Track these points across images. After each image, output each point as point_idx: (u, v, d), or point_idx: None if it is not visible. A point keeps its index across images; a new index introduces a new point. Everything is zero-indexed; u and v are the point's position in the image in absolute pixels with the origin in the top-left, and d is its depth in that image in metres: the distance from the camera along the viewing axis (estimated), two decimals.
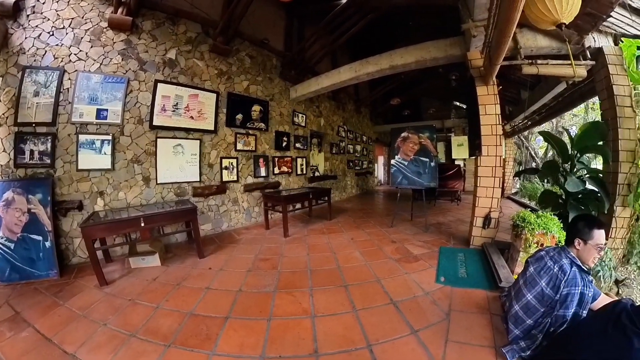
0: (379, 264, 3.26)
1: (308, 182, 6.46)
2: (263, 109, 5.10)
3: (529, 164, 11.38)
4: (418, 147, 5.01)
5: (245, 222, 4.97)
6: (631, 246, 3.18)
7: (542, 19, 2.04)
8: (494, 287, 2.69)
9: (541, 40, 3.28)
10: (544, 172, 3.67)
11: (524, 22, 2.56)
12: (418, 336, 1.97)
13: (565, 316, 1.64)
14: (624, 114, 3.09)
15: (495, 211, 3.64)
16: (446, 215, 6.12)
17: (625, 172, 3.07)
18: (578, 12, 2.02)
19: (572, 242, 1.79)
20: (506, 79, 5.78)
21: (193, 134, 4.10)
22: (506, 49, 2.55)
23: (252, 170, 5.01)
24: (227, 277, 2.86)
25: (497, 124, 3.56)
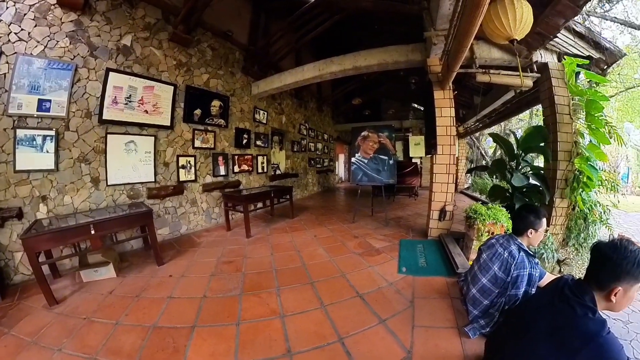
0: (343, 259, 3.41)
1: (269, 180, 6.41)
2: (223, 105, 4.93)
3: (480, 162, 12.71)
4: (377, 145, 5.33)
5: (206, 224, 4.79)
6: (569, 231, 3.79)
7: (497, 34, 2.30)
8: (452, 273, 2.98)
9: (495, 53, 3.68)
10: (493, 169, 4.12)
11: (481, 35, 2.82)
12: (386, 325, 2.12)
13: (517, 295, 1.90)
14: (563, 120, 3.63)
15: (450, 205, 4.05)
16: (405, 209, 6.58)
17: (563, 169, 3.63)
18: (529, 31, 2.34)
19: (524, 232, 2.04)
20: (461, 85, 6.31)
21: (147, 129, 3.79)
22: (463, 58, 2.82)
23: (211, 169, 4.81)
24: (189, 284, 2.74)
25: (451, 125, 3.94)
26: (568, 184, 3.59)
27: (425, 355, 1.81)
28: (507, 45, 2.51)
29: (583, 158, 3.46)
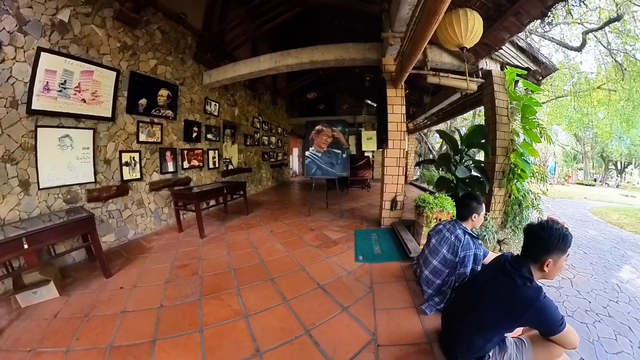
0: (301, 253, 3.54)
1: (221, 176, 6.25)
2: (172, 94, 4.65)
3: (427, 156, 14.11)
4: (331, 139, 5.58)
5: (155, 227, 4.48)
6: (506, 215, 4.47)
7: (449, 41, 2.57)
8: (406, 258, 3.31)
9: (446, 58, 4.12)
10: (439, 162, 4.65)
11: (435, 41, 3.12)
12: (349, 312, 2.30)
13: (465, 273, 2.21)
14: (502, 121, 4.25)
15: (401, 195, 4.47)
16: (358, 201, 7.02)
17: (501, 163, 4.27)
18: (478, 41, 2.67)
19: (468, 217, 2.37)
20: (413, 85, 6.82)
21: (85, 122, 3.35)
22: (416, 60, 3.10)
23: (158, 165, 4.48)
24: (143, 294, 2.57)
25: (402, 122, 4.32)
26: (505, 176, 4.26)
27: (389, 336, 2.02)
28: (458, 51, 2.82)
29: (518, 153, 4.16)
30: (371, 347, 1.91)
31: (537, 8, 2.85)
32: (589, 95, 11.11)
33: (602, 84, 10.86)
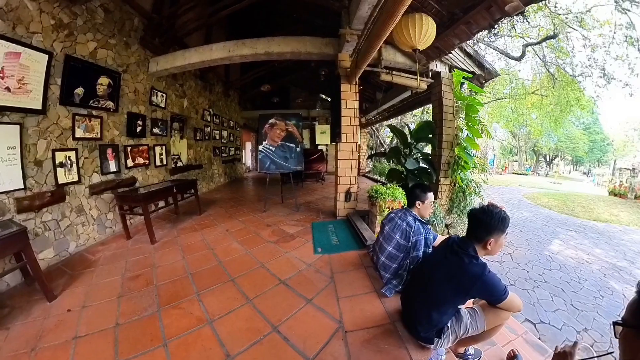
0: (260, 250, 3.58)
1: (170, 174, 5.94)
2: (113, 83, 4.23)
3: (379, 149, 14.91)
4: (285, 133, 5.67)
5: (100, 236, 4.04)
6: (452, 202, 5.11)
7: (403, 42, 2.78)
8: (362, 246, 3.55)
9: (399, 57, 4.44)
10: (390, 155, 5.14)
11: (390, 41, 3.35)
12: (313, 303, 2.43)
13: (418, 256, 2.48)
14: (447, 118, 4.78)
15: (354, 187, 4.73)
16: (313, 194, 7.23)
17: (446, 155, 4.82)
18: (430, 45, 2.92)
19: (414, 204, 2.66)
20: (366, 81, 7.10)
21: (10, 115, 2.87)
22: (371, 58, 3.32)
23: (98, 165, 4.01)
24: (95, 315, 2.34)
25: (355, 116, 4.56)
26: (450, 167, 4.82)
27: (355, 321, 2.18)
28: (411, 53, 3.07)
29: (461, 147, 4.74)
30: (339, 334, 2.05)
31: (486, 20, 3.25)
32: (525, 98, 13.15)
33: (536, 90, 12.69)
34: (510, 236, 5.11)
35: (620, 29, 7.86)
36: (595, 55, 8.99)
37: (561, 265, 5.63)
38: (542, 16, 8.32)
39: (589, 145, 29.88)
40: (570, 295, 4.47)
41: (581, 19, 8.25)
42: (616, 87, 9.12)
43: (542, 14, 8.19)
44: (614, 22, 7.90)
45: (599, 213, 10.46)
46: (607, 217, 10.01)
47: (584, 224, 9.16)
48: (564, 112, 12.86)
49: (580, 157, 32.53)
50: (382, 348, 1.94)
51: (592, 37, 8.51)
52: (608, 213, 10.54)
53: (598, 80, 9.45)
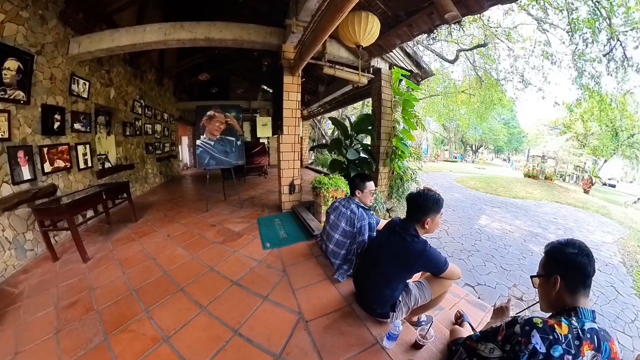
0: (206, 252, 3.46)
1: (97, 177, 5.23)
2: (24, 68, 3.50)
3: (321, 141, 15.36)
4: (224, 126, 5.47)
5: (20, 262, 3.33)
6: (391, 188, 5.62)
7: (348, 37, 2.92)
8: (310, 237, 3.69)
9: (343, 52, 4.63)
10: (331, 146, 5.42)
11: (335, 35, 3.47)
12: (270, 299, 2.47)
13: (364, 240, 2.70)
14: (386, 111, 5.17)
15: (298, 179, 4.83)
16: (256, 189, 7.19)
17: (385, 146, 5.25)
18: (373, 42, 3.10)
19: (354, 193, 2.86)
20: (309, 74, 7.19)
21: None
22: (316, 51, 3.41)
23: (7, 173, 3.28)
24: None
25: (297, 108, 4.62)
26: (388, 156, 5.27)
27: (314, 309, 2.30)
28: (354, 48, 3.23)
29: (398, 138, 5.24)
30: (301, 325, 2.15)
31: (427, 25, 3.60)
32: (455, 96, 15.03)
33: (465, 89, 14.51)
34: (445, 215, 5.82)
35: (539, 45, 9.60)
36: (517, 64, 10.92)
37: (489, 236, 6.91)
38: (476, 27, 9.74)
39: (508, 137, 36.02)
40: (499, 260, 5.60)
41: (508, 33, 9.92)
42: (532, 91, 11.08)
43: (476, 25, 9.59)
44: (535, 39, 9.67)
45: (517, 191, 12.96)
46: (524, 194, 12.53)
47: (505, 201, 11.29)
48: (488, 109, 15.26)
49: (501, 147, 38.93)
50: (344, 330, 2.09)
51: (516, 49, 10.35)
52: (524, 191, 13.00)
53: (517, 84, 11.41)
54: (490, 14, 9.44)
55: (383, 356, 1.88)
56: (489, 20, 9.50)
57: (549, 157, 20.90)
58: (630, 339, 3.77)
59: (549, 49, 9.35)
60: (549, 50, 9.35)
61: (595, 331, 1.09)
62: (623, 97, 9.56)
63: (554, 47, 8.80)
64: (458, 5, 3.11)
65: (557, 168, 20.08)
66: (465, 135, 34.84)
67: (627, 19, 6.50)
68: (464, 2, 3.11)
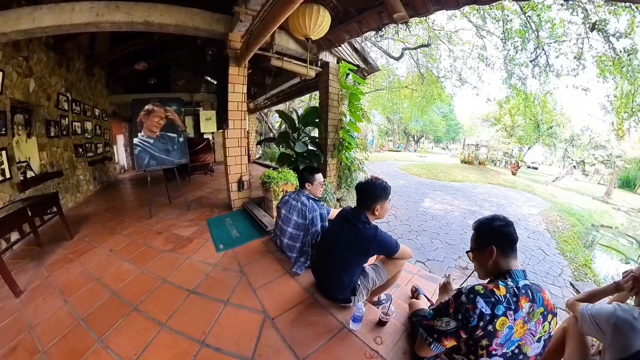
0: (156, 263, 3.18)
1: (19, 190, 4.37)
2: None
3: (268, 135, 15.26)
4: (165, 121, 5.03)
5: None
6: (340, 179, 5.83)
7: (298, 30, 2.91)
8: (264, 233, 3.68)
9: (292, 44, 4.60)
10: (279, 140, 5.43)
11: (285, 26, 3.44)
12: (232, 303, 2.41)
13: (317, 230, 2.78)
14: (333, 104, 5.31)
15: (246, 175, 4.72)
16: (203, 188, 6.82)
17: (332, 138, 5.41)
18: (323, 36, 3.14)
19: (304, 186, 2.92)
20: (256, 65, 7.00)
21: None
22: (264, 41, 3.34)
23: None
24: None
25: (243, 101, 4.47)
26: (336, 148, 5.47)
27: (277, 306, 2.32)
28: (303, 41, 3.25)
29: (345, 130, 5.47)
30: (268, 323, 2.15)
31: (376, 23, 3.74)
32: (399, 91, 16.26)
33: (408, 85, 15.79)
34: (393, 201, 6.23)
35: (476, 48, 10.92)
36: (456, 64, 12.25)
37: (433, 216, 7.66)
38: (421, 28, 10.78)
39: (446, 128, 40.09)
40: (444, 236, 6.25)
41: (450, 36, 11.13)
42: (467, 88, 12.69)
43: (422, 27, 10.60)
44: (473, 43, 10.98)
45: (455, 176, 14.47)
46: (461, 178, 14.15)
47: (445, 184, 12.57)
48: (429, 103, 16.95)
49: (440, 137, 43.54)
50: (310, 321, 2.14)
51: (456, 50, 11.63)
52: (462, 175, 14.65)
53: (455, 82, 12.87)
54: (435, 17, 10.49)
55: (352, 338, 1.99)
56: (434, 23, 10.61)
57: (482, 145, 23.73)
58: (559, 289, 4.60)
59: (484, 53, 10.67)
60: (485, 53, 10.67)
61: (529, 286, 1.30)
62: (544, 96, 11.28)
63: (489, 51, 10.32)
64: (407, 7, 3.30)
65: (489, 155, 23.35)
66: (408, 127, 37.53)
67: (552, 32, 7.78)
68: (412, 5, 3.29)
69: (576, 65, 7.84)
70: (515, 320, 1.23)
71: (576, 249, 6.49)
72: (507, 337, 1.23)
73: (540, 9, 7.25)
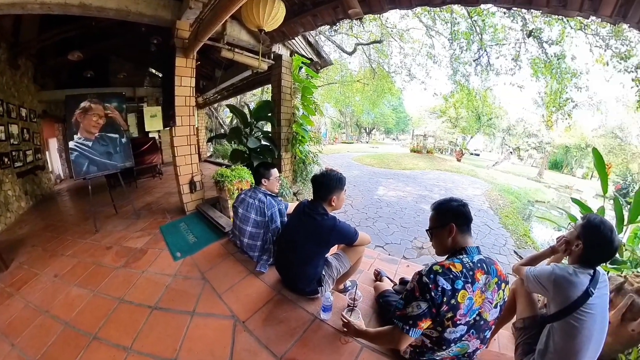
0: (110, 283, 2.84)
1: None
2: None
3: (219, 131, 14.67)
4: (104, 120, 4.46)
5: None
6: (295, 173, 5.85)
7: (251, 20, 2.81)
8: (222, 235, 3.53)
9: (244, 35, 4.42)
10: (231, 136, 5.17)
11: (237, 16, 3.30)
12: (199, 313, 2.27)
13: (277, 227, 2.75)
14: (286, 98, 5.26)
15: (198, 175, 4.42)
16: (153, 193, 6.23)
17: (285, 132, 5.38)
18: (277, 28, 3.07)
19: (260, 182, 2.87)
20: (205, 57, 6.63)
21: None
22: (214, 31, 3.17)
23: None
24: None
25: (191, 95, 4.15)
26: (289, 142, 5.45)
27: (246, 308, 2.26)
28: (256, 32, 3.15)
29: (298, 124, 5.46)
30: (239, 327, 2.09)
31: (330, 17, 3.74)
32: (351, 85, 16.76)
33: (360, 79, 16.23)
34: (348, 191, 6.32)
35: (425, 47, 11.64)
36: (406, 60, 12.90)
37: (387, 203, 8.16)
38: (375, 25, 11.25)
39: (396, 120, 41.94)
40: (399, 221, 6.69)
41: (401, 34, 11.72)
42: (416, 83, 13.42)
43: (375, 24, 11.06)
44: (422, 42, 11.73)
45: (405, 164, 15.53)
46: (411, 166, 15.26)
47: (397, 172, 13.40)
48: (380, 97, 17.61)
49: (390, 128, 45.75)
50: (282, 318, 2.13)
51: (406, 48, 12.32)
52: (412, 163, 15.82)
53: (405, 77, 13.52)
54: (389, 15, 10.79)
55: (325, 328, 2.04)
56: (387, 21, 11.00)
57: (429, 135, 26.03)
58: (505, 257, 5.34)
59: (432, 51, 11.49)
60: (433, 52, 11.50)
61: (482, 260, 1.42)
62: (485, 92, 12.47)
63: (437, 50, 11.29)
64: (362, 3, 3.34)
65: (436, 144, 25.75)
66: (360, 119, 38.82)
67: (494, 36, 8.77)
68: (367, 2, 3.34)
69: (513, 66, 8.94)
70: (474, 292, 1.35)
71: (516, 222, 7.59)
72: (468, 307, 1.35)
73: (485, 14, 8.11)
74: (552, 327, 1.57)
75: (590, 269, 1.56)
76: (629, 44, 6.27)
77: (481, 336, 1.45)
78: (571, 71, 8.01)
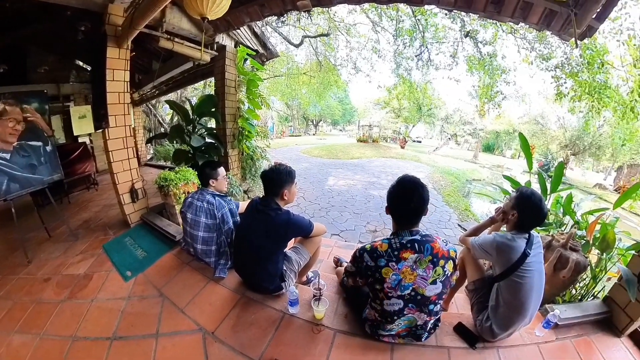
0: (56, 321, 2.38)
1: None
2: None
3: (158, 130, 13.31)
4: (23, 126, 3.66)
5: None
6: (244, 170, 5.63)
7: (193, 7, 2.57)
8: (173, 244, 3.24)
9: (185, 24, 4.01)
10: (172, 135, 4.63)
11: (178, 2, 3.03)
12: (163, 334, 2.08)
13: (230, 228, 2.62)
14: (230, 92, 4.98)
15: (138, 181, 3.92)
16: (89, 207, 5.30)
17: (231, 128, 5.12)
18: (221, 16, 2.84)
19: (208, 183, 2.71)
20: (141, 47, 5.99)
21: None
22: (152, 18, 2.89)
23: None
24: None
25: (125, 91, 3.66)
26: (236, 138, 5.20)
27: (212, 317, 2.16)
28: (199, 20, 2.88)
29: (244, 118, 5.20)
30: (209, 339, 1.98)
31: (278, 8, 3.60)
32: (298, 77, 16.51)
33: (307, 72, 16.22)
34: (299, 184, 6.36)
35: (371, 42, 12.11)
36: (352, 54, 13.30)
37: (338, 192, 8.42)
38: (323, 18, 11.45)
39: (342, 112, 42.97)
40: (351, 208, 6.95)
41: (348, 28, 12.02)
42: (361, 76, 13.89)
43: (323, 17, 11.27)
44: (368, 37, 12.18)
45: (353, 154, 16.12)
46: (359, 155, 15.93)
47: (345, 162, 13.90)
48: (326, 89, 17.98)
49: (337, 120, 46.69)
50: (251, 320, 2.08)
51: (352, 42, 12.68)
52: (359, 153, 16.53)
53: (351, 70, 13.91)
54: (337, 10, 11.24)
55: (296, 322, 2.05)
56: (335, 15, 11.30)
57: (374, 125, 27.36)
58: (451, 230, 5.86)
59: (377, 46, 12.00)
60: (378, 46, 12.02)
61: (413, 240, 1.55)
62: (425, 84, 13.52)
63: (382, 45, 11.76)
64: None
65: (381, 133, 27.28)
66: (307, 112, 39.31)
67: (435, 35, 9.58)
68: None
69: (451, 62, 9.92)
70: (400, 269, 1.52)
71: (457, 199, 8.53)
72: (396, 282, 1.53)
73: (428, 14, 8.86)
74: (499, 285, 1.79)
75: (525, 233, 1.80)
76: (550, 47, 7.43)
77: (426, 310, 1.62)
78: (501, 68, 9.21)
